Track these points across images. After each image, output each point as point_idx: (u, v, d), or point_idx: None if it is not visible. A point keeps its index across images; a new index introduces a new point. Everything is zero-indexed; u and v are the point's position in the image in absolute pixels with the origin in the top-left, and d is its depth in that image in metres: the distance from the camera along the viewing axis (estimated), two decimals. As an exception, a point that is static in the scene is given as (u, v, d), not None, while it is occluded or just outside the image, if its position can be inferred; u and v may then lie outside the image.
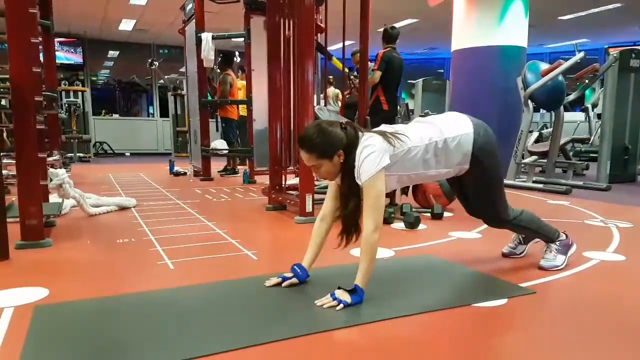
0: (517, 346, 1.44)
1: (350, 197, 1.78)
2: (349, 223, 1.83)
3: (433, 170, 1.90)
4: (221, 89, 6.41)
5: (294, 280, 1.90)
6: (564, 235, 2.25)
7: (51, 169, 3.25)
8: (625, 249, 2.57)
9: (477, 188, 2.04)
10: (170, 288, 1.91)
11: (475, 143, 1.90)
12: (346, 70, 5.07)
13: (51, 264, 2.29)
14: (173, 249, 2.53)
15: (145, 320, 1.58)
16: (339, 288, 1.72)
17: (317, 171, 1.81)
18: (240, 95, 6.74)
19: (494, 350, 1.40)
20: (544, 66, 5.31)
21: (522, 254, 2.39)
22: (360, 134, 1.81)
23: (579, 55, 5.12)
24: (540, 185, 5.20)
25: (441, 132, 1.88)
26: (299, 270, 1.92)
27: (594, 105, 9.00)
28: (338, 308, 1.65)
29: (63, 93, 10.19)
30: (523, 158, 5.65)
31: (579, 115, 9.77)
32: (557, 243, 2.22)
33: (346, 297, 1.67)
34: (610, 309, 1.73)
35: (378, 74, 4.88)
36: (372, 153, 1.71)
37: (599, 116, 8.57)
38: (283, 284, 1.89)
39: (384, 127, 1.89)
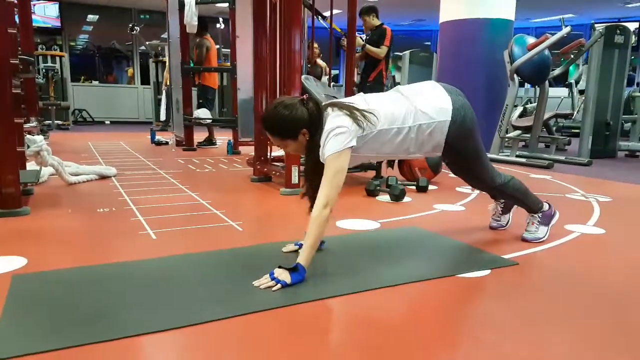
0: (500, 316, 1.46)
1: (316, 175, 1.72)
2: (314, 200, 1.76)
3: (402, 153, 1.86)
4: (197, 54, 6.27)
5: None
6: (547, 205, 2.27)
7: (28, 136, 3.15)
8: (605, 223, 2.61)
9: (459, 165, 2.05)
10: (153, 258, 1.88)
11: (450, 131, 1.82)
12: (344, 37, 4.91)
13: (29, 232, 2.23)
14: (155, 219, 2.49)
15: (126, 290, 1.55)
16: (279, 267, 1.61)
17: (285, 149, 1.78)
18: None
19: (477, 319, 1.41)
20: (531, 40, 5.28)
21: (508, 224, 2.42)
22: (324, 109, 1.74)
23: (566, 30, 5.10)
24: (523, 160, 5.24)
25: (415, 117, 1.78)
26: None
27: (577, 82, 9.04)
28: (275, 288, 1.54)
29: (40, 58, 9.86)
30: (507, 132, 5.67)
31: (562, 91, 9.82)
32: (540, 214, 2.23)
33: (285, 277, 1.57)
34: (590, 280, 1.76)
35: (386, 49, 4.96)
36: (340, 135, 1.65)
37: (581, 92, 8.63)
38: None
39: (356, 101, 1.80)
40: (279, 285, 1.56)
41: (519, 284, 1.74)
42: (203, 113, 6.32)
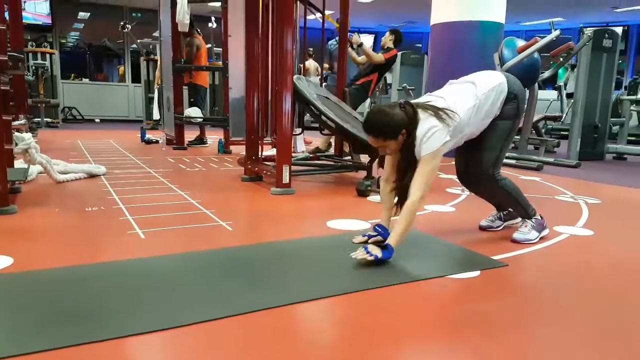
0: (490, 316, 1.46)
1: (408, 170, 1.90)
2: (405, 194, 1.90)
3: (483, 121, 2.07)
4: (187, 52, 6.24)
5: (379, 238, 2.02)
6: (540, 217, 2.31)
7: (17, 133, 3.11)
8: (593, 224, 2.63)
9: (495, 129, 2.11)
10: (141, 258, 1.87)
11: (511, 86, 2.08)
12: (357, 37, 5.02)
13: (16, 231, 2.21)
14: (144, 219, 2.47)
15: (114, 290, 1.54)
16: (371, 243, 1.88)
17: (383, 150, 1.93)
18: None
19: (467, 320, 1.42)
20: (521, 43, 5.32)
21: (499, 229, 2.43)
22: (418, 111, 1.89)
23: (555, 33, 5.14)
24: (513, 161, 5.28)
25: (481, 89, 2.03)
26: (381, 230, 2.04)
27: (565, 84, 9.11)
28: (369, 258, 1.78)
29: (30, 55, 9.74)
30: (497, 134, 5.70)
31: (551, 94, 9.89)
32: (533, 220, 2.27)
33: (377, 252, 1.80)
34: (579, 281, 1.78)
35: (381, 57, 5.00)
36: (434, 134, 1.84)
37: (569, 95, 8.71)
38: (369, 241, 2.01)
39: (433, 100, 1.99)
40: (371, 257, 1.79)
41: (509, 285, 1.75)
42: (194, 112, 6.29)
